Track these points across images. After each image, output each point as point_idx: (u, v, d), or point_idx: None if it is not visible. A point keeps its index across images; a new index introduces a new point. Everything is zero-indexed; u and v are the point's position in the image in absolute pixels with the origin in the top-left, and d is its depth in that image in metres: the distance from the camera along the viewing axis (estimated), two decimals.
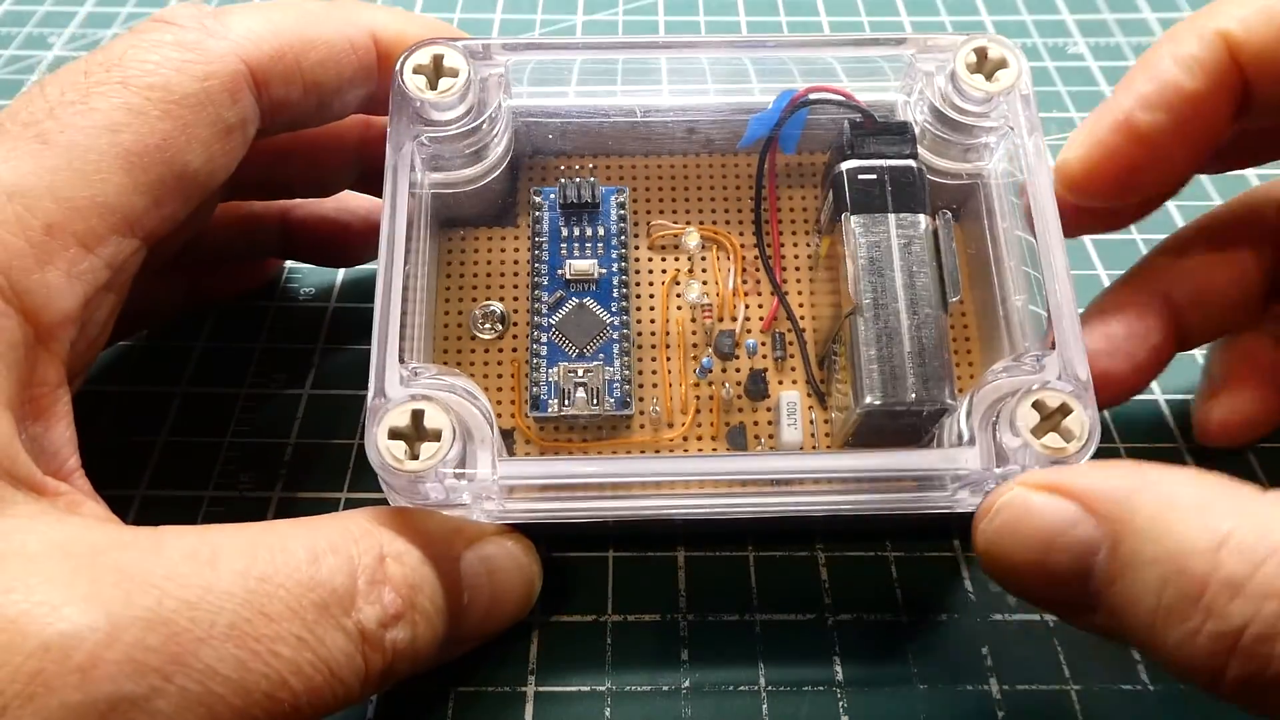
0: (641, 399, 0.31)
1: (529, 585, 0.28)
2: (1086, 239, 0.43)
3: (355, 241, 0.38)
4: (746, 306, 0.32)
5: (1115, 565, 0.21)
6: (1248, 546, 0.19)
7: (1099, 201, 0.30)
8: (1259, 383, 0.33)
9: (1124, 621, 0.21)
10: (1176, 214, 0.43)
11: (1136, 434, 0.36)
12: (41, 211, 0.23)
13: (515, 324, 0.32)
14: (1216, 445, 0.34)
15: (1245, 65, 0.27)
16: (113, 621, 0.19)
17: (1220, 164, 0.34)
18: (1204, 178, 0.45)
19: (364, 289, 0.40)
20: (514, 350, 0.31)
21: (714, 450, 0.30)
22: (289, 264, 0.41)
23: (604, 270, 0.31)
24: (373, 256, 0.39)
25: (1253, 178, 0.45)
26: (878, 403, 0.27)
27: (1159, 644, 0.20)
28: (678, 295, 0.32)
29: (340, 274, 0.41)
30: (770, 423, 0.31)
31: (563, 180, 0.32)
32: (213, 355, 0.38)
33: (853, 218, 0.29)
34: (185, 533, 0.22)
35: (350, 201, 0.37)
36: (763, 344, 0.32)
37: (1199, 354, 0.39)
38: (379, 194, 0.28)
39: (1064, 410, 0.24)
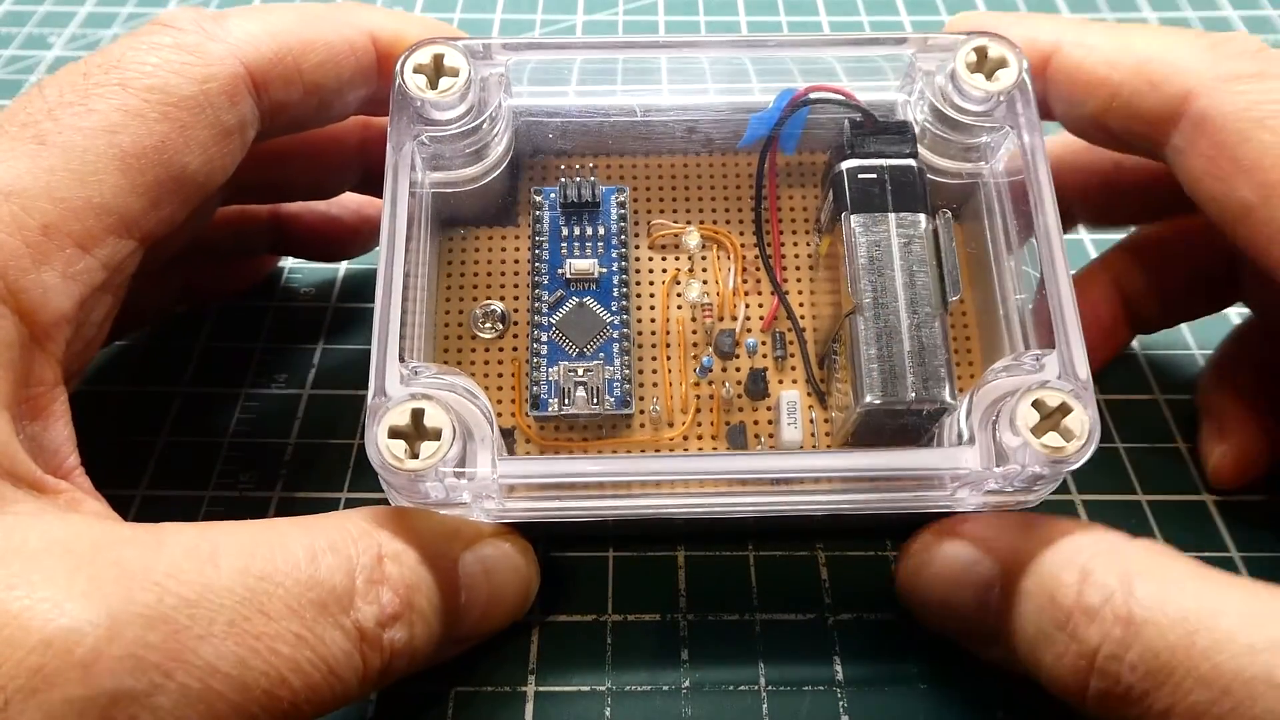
0: (642, 398, 0.31)
1: (526, 586, 0.28)
2: (1085, 238, 0.43)
3: (347, 235, 0.38)
4: (747, 306, 0.32)
5: (1004, 599, 0.24)
6: (1102, 580, 0.22)
7: None
8: (1260, 419, 0.33)
9: (1014, 650, 0.24)
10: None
11: (1136, 435, 0.36)
12: (38, 212, 0.23)
13: (516, 323, 0.32)
14: (1233, 488, 0.34)
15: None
16: (114, 618, 0.19)
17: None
18: None
19: (364, 288, 0.40)
20: (514, 350, 0.31)
21: (714, 449, 0.30)
22: (289, 264, 0.41)
23: (604, 269, 0.31)
24: (365, 250, 0.39)
25: None
26: (877, 402, 0.27)
27: (1038, 667, 0.23)
28: (678, 295, 0.32)
29: (340, 273, 0.41)
30: (770, 422, 0.31)
31: (563, 179, 0.32)
32: (213, 355, 0.38)
33: (853, 217, 0.29)
34: (185, 529, 0.22)
35: (343, 196, 0.37)
36: (763, 343, 0.32)
37: (1199, 352, 0.39)
38: (380, 196, 0.28)
39: (1064, 410, 0.24)
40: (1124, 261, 0.36)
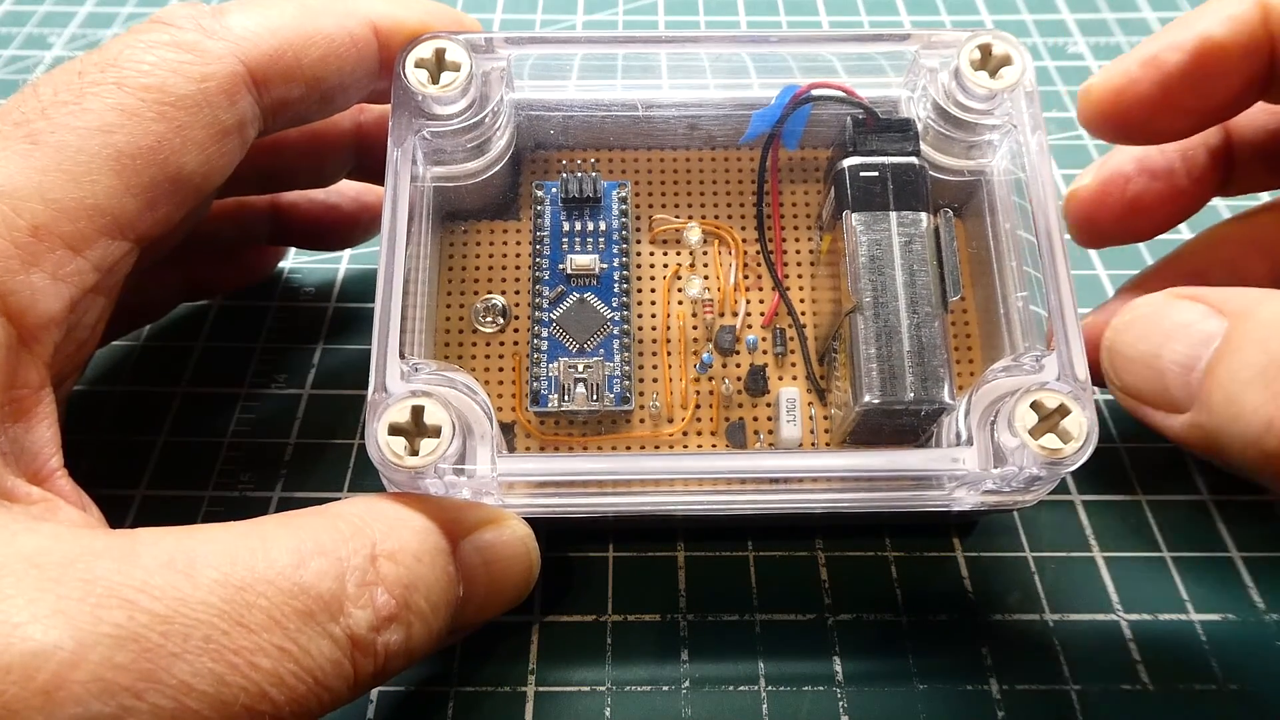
0: (641, 394, 0.31)
1: (526, 574, 0.27)
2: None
3: (348, 223, 0.37)
4: (747, 302, 0.32)
5: (1224, 348, 0.22)
6: None
7: (1114, 134, 0.30)
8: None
9: (1211, 406, 0.22)
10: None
11: (1136, 435, 0.36)
12: (29, 212, 0.22)
13: (516, 317, 0.32)
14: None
15: (1275, 33, 0.27)
16: (79, 639, 0.18)
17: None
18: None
19: (365, 287, 0.40)
20: (515, 344, 0.31)
21: (713, 445, 0.30)
22: (289, 264, 0.41)
23: (605, 265, 0.31)
24: (366, 238, 0.39)
25: None
26: (876, 401, 0.27)
27: (1237, 419, 0.21)
28: (679, 290, 0.32)
29: (341, 273, 0.41)
30: (770, 419, 0.31)
31: (564, 174, 0.32)
32: (213, 355, 0.38)
33: (854, 215, 0.28)
34: (162, 537, 0.21)
35: (341, 184, 0.37)
36: (763, 340, 0.32)
37: None
38: (377, 183, 0.27)
39: (1062, 411, 0.24)
40: (1207, 252, 0.34)
